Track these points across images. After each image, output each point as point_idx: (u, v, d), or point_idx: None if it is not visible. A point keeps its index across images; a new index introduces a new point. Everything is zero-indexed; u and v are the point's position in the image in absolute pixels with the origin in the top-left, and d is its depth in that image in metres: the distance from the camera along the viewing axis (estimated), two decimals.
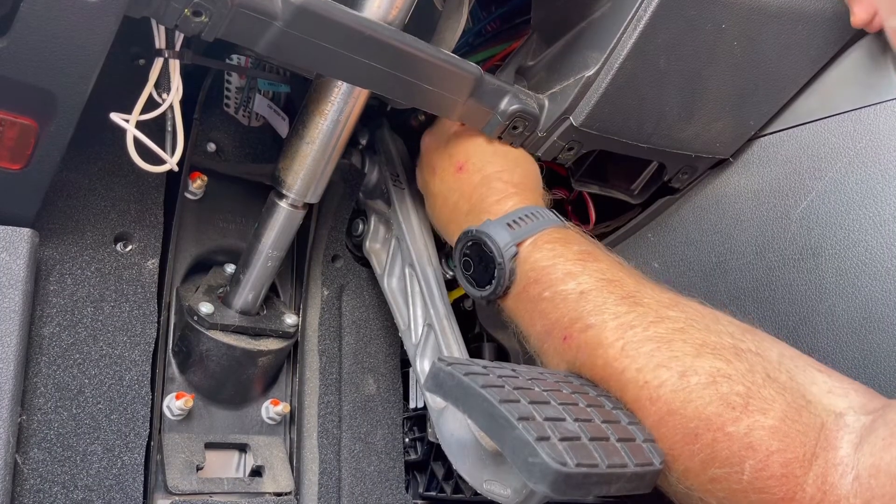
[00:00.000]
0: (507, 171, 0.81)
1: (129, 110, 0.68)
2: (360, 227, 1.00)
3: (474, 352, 1.03)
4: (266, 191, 0.85)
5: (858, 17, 0.76)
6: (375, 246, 0.99)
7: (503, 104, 0.78)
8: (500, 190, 0.79)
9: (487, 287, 0.76)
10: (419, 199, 0.93)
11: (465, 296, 1.04)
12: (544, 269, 0.72)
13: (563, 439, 0.56)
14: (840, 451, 0.57)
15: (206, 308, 0.85)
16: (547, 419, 0.57)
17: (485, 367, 0.63)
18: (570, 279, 0.71)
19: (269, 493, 0.88)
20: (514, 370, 0.65)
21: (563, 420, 0.58)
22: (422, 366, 0.90)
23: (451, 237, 0.84)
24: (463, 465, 0.75)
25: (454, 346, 0.88)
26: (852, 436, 0.58)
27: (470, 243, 0.77)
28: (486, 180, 0.80)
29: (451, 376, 0.61)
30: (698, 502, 0.62)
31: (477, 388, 0.59)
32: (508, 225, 0.75)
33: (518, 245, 0.74)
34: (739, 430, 0.59)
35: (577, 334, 0.68)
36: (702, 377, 0.61)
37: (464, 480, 0.93)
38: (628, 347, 0.65)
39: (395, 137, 0.99)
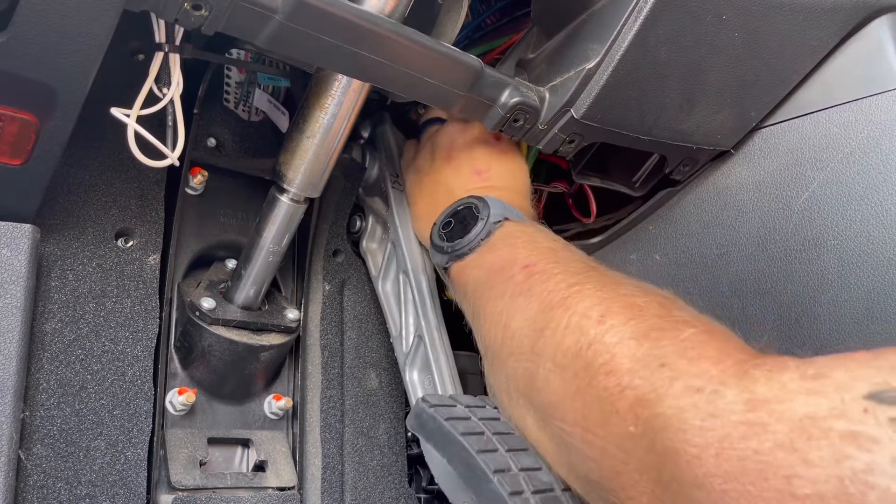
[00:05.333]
0: (513, 186, 0.86)
1: (129, 106, 0.68)
2: (358, 224, 1.00)
3: (466, 360, 1.02)
4: (267, 186, 0.85)
5: None
6: (372, 245, 0.99)
7: (504, 97, 0.78)
8: (506, 198, 0.83)
9: (457, 239, 0.78)
10: None
11: None
12: (524, 232, 0.76)
13: (536, 492, 0.58)
14: None
15: (207, 303, 0.85)
16: (523, 469, 0.60)
17: (468, 407, 0.65)
18: (547, 242, 0.74)
19: (273, 487, 0.88)
20: (497, 408, 0.67)
21: (539, 470, 0.60)
22: (411, 376, 0.92)
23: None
24: (445, 485, 0.76)
25: (443, 360, 0.90)
26: None
27: (461, 207, 0.80)
28: (495, 189, 0.84)
29: (433, 419, 0.63)
30: None
31: (456, 436, 0.61)
32: (505, 206, 0.79)
33: (506, 219, 0.77)
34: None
35: (542, 264, 0.69)
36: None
37: None
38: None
39: (396, 134, 0.99)
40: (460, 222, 0.79)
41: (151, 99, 0.69)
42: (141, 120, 0.68)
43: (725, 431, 0.47)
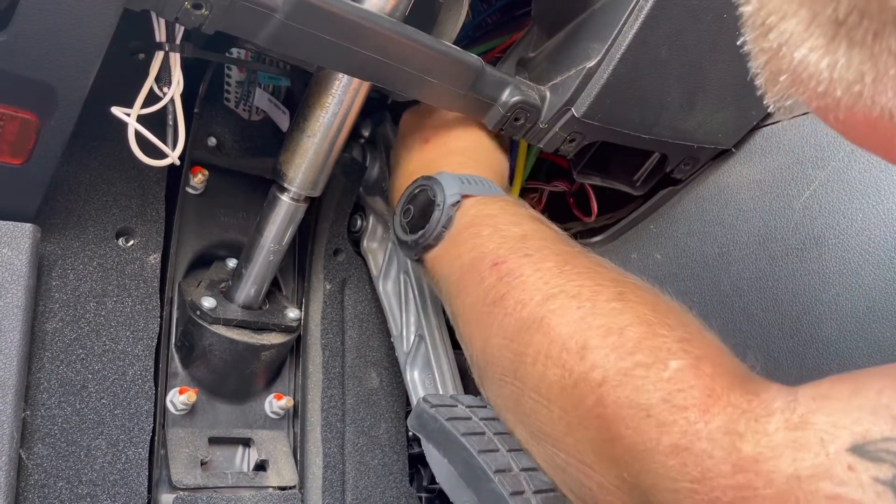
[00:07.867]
0: (471, 149, 0.82)
1: (129, 105, 0.68)
2: (359, 223, 1.00)
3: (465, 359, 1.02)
4: (267, 185, 0.85)
5: None
6: (373, 245, 0.99)
7: (504, 96, 0.78)
8: (460, 163, 0.80)
9: (419, 231, 0.75)
10: None
11: None
12: (488, 216, 0.72)
13: (537, 492, 0.59)
14: None
15: (208, 303, 0.85)
16: (523, 469, 0.60)
17: (469, 407, 0.65)
18: (514, 226, 0.70)
19: (273, 486, 0.88)
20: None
21: (540, 469, 0.60)
22: (411, 376, 0.92)
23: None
24: (446, 485, 0.76)
25: (444, 360, 0.90)
26: None
27: (417, 190, 0.77)
28: (447, 153, 0.81)
29: (434, 419, 0.63)
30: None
31: (457, 436, 0.61)
32: (461, 180, 0.75)
33: (464, 197, 0.74)
34: None
35: (514, 259, 0.66)
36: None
37: None
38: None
39: (397, 133, 0.99)
40: (419, 209, 0.76)
41: (152, 98, 0.69)
42: (141, 119, 0.68)
43: (714, 496, 0.47)
